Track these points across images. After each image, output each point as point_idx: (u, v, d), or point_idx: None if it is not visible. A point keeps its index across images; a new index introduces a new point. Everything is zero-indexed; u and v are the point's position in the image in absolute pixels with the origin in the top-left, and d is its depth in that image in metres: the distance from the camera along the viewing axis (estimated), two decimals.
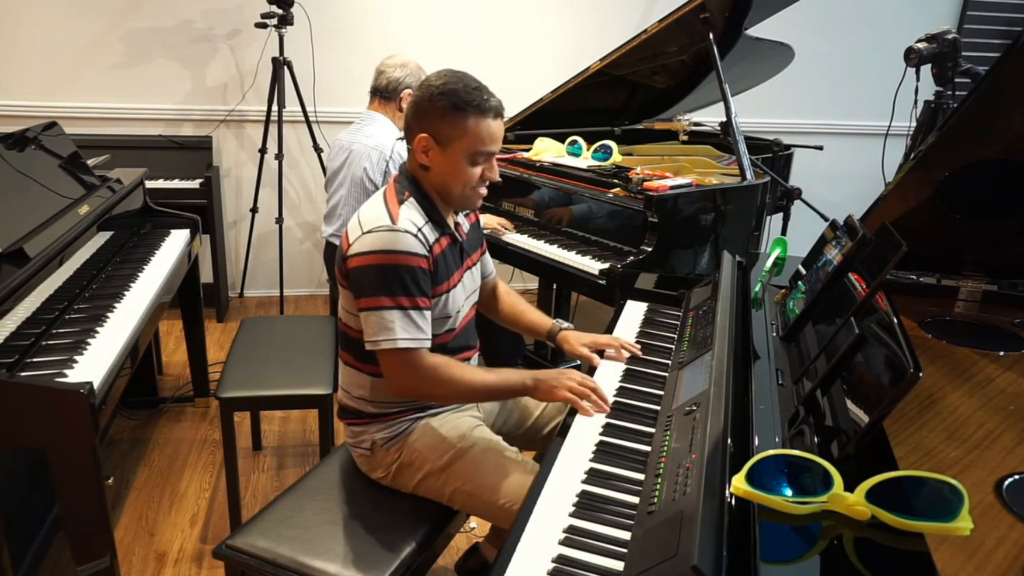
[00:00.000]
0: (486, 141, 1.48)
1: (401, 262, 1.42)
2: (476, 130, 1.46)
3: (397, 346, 1.42)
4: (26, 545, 1.97)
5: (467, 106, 1.45)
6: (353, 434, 1.64)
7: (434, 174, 1.51)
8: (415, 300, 1.43)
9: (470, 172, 1.50)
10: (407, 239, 1.43)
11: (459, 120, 1.45)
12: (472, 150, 1.47)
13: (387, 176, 2.64)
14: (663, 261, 2.42)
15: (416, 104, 1.50)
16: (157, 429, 2.80)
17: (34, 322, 1.78)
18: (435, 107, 1.46)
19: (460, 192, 1.52)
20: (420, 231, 1.46)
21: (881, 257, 1.32)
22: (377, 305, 1.42)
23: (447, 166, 1.49)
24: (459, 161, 1.48)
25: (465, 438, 1.58)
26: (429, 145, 1.49)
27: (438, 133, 1.47)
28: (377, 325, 1.42)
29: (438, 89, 1.46)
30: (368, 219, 1.47)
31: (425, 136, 1.48)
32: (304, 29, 3.63)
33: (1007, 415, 1.27)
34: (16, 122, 2.55)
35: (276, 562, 1.41)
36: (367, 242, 1.43)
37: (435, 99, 1.46)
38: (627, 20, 3.98)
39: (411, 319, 1.43)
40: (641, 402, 1.50)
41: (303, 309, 4.07)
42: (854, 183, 4.35)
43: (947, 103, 2.94)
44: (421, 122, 1.48)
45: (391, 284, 1.41)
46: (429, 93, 1.47)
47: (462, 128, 1.45)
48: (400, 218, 1.45)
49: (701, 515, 0.92)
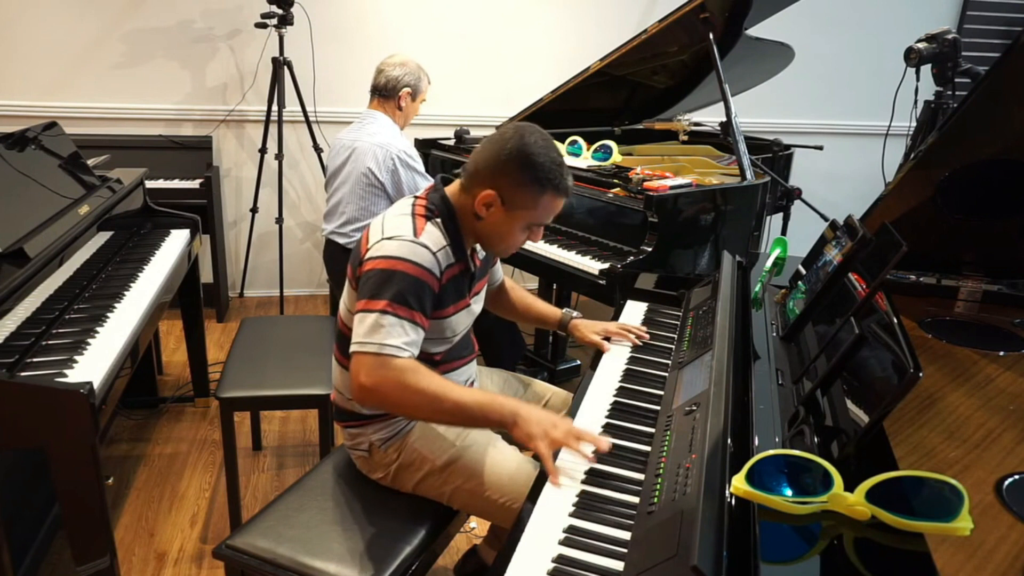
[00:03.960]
0: (549, 214, 1.50)
1: (412, 273, 1.40)
2: (546, 207, 1.47)
3: (383, 351, 1.35)
4: (26, 545, 1.97)
5: (547, 183, 1.43)
6: (350, 436, 1.64)
7: (485, 226, 1.50)
8: (413, 313, 1.39)
9: (520, 237, 1.52)
10: (424, 254, 1.42)
11: (535, 194, 1.44)
12: (533, 220, 1.49)
13: (394, 174, 2.63)
14: (663, 261, 2.42)
15: (495, 159, 1.44)
16: (157, 429, 2.80)
17: (34, 322, 1.78)
18: (515, 173, 1.43)
19: (501, 247, 1.55)
20: (438, 253, 1.44)
21: (881, 257, 1.32)
22: (377, 308, 1.38)
23: (503, 227, 1.49)
24: (516, 227, 1.49)
25: (464, 437, 1.58)
26: (494, 203, 1.46)
27: (509, 197, 1.45)
28: (371, 327, 1.37)
29: (523, 157, 1.42)
30: (391, 227, 1.46)
31: (493, 194, 1.45)
32: (304, 29, 3.63)
33: (1007, 415, 1.27)
34: (16, 122, 2.55)
35: (276, 562, 1.41)
36: (385, 247, 1.42)
37: (518, 166, 1.42)
38: (627, 20, 3.98)
39: (404, 329, 1.38)
40: (641, 402, 1.50)
41: (303, 309, 4.07)
42: (854, 183, 4.35)
43: (947, 103, 2.94)
44: (495, 179, 1.45)
45: (396, 291, 1.39)
46: (513, 155, 1.43)
47: (534, 202, 1.45)
48: (423, 234, 1.44)
49: (701, 515, 0.92)
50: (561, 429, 1.31)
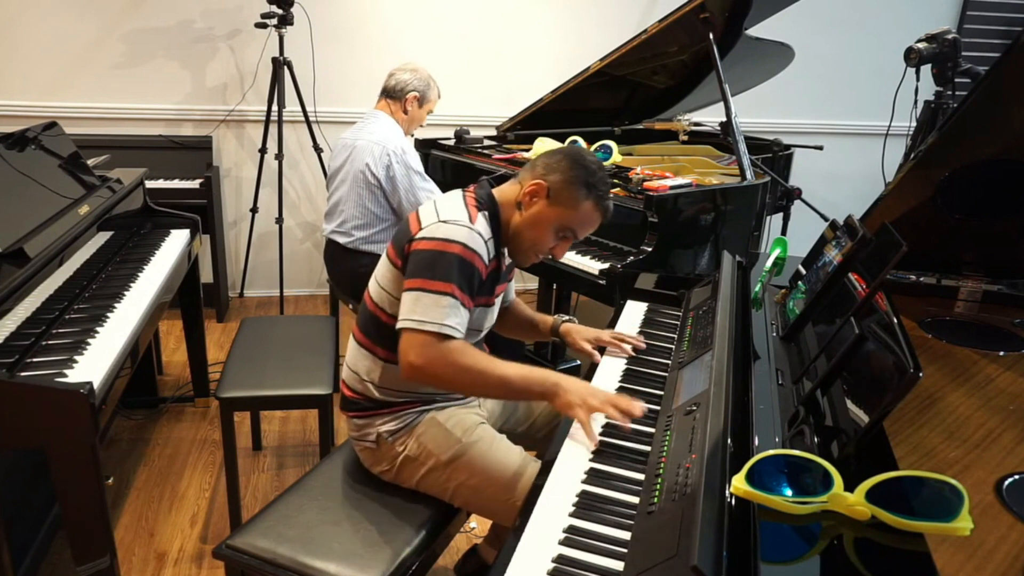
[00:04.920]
0: (583, 226, 1.57)
1: (469, 258, 1.47)
2: (586, 212, 1.55)
3: (443, 331, 1.42)
4: (26, 545, 1.97)
5: (593, 189, 1.53)
6: (357, 427, 1.64)
7: (522, 217, 1.57)
8: (466, 297, 1.47)
9: (549, 238, 1.57)
10: (479, 241, 1.49)
11: (579, 196, 1.53)
12: (568, 224, 1.56)
13: (389, 170, 2.63)
14: (663, 261, 2.42)
15: (557, 156, 1.56)
16: (157, 429, 2.80)
17: (34, 322, 1.78)
18: (571, 172, 1.53)
19: (527, 246, 1.59)
20: (488, 243, 1.52)
21: (881, 257, 1.32)
22: (437, 288, 1.43)
23: (539, 221, 1.55)
24: (551, 223, 1.55)
25: (470, 433, 1.58)
26: (539, 193, 1.54)
27: (555, 191, 1.53)
28: (429, 305, 1.43)
29: (584, 162, 1.55)
30: (447, 210, 1.52)
31: (543, 184, 1.54)
32: (304, 29, 3.63)
33: (1007, 415, 1.27)
34: (16, 122, 2.55)
35: (276, 562, 1.41)
36: (445, 230, 1.48)
37: (576, 166, 1.54)
38: (627, 20, 3.98)
39: (460, 311, 1.46)
40: (641, 402, 1.50)
41: (303, 309, 4.07)
42: (854, 183, 4.35)
43: (947, 103, 2.94)
44: (548, 173, 1.54)
45: (453, 272, 1.45)
46: (570, 156, 1.56)
47: (576, 202, 1.53)
48: (476, 222, 1.51)
49: (701, 515, 0.92)
50: (599, 398, 1.42)
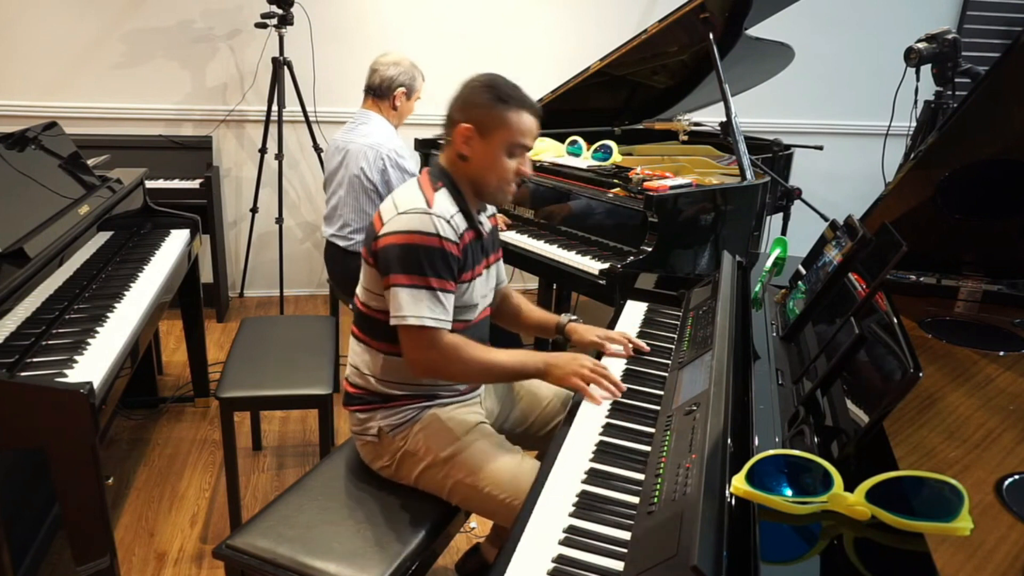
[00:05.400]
0: (524, 134, 1.56)
1: (433, 244, 1.48)
2: (517, 122, 1.54)
3: (423, 323, 1.47)
4: (26, 545, 1.97)
5: (510, 99, 1.54)
6: (358, 421, 1.65)
7: (472, 164, 1.58)
8: (443, 282, 1.49)
9: (506, 163, 1.57)
10: (441, 223, 1.50)
11: (501, 112, 1.53)
12: (510, 141, 1.55)
13: (384, 174, 2.64)
14: (663, 261, 2.42)
15: (460, 97, 1.58)
16: (157, 429, 2.80)
17: (34, 322, 1.78)
18: (480, 99, 1.55)
19: (495, 184, 1.59)
20: (452, 219, 1.52)
21: (881, 257, 1.32)
22: (407, 283, 1.47)
23: (487, 156, 1.56)
24: (498, 152, 1.55)
25: (469, 432, 1.59)
26: (471, 135, 1.55)
27: (480, 123, 1.54)
28: (404, 302, 1.47)
29: (483, 84, 1.56)
30: (403, 200, 1.54)
31: (468, 126, 1.55)
32: (304, 29, 3.63)
33: (1007, 415, 1.27)
34: (16, 122, 2.55)
35: (276, 562, 1.41)
36: (402, 222, 1.49)
37: (480, 92, 1.55)
38: (627, 20, 3.98)
39: (437, 299, 1.48)
40: (641, 402, 1.50)
41: (303, 309, 4.07)
42: (854, 183, 4.35)
43: (947, 103, 2.94)
44: (465, 112, 1.56)
45: (422, 264, 1.47)
46: (473, 87, 1.57)
47: (503, 119, 1.54)
48: (435, 203, 1.52)
49: (701, 515, 0.92)
50: (587, 366, 1.52)
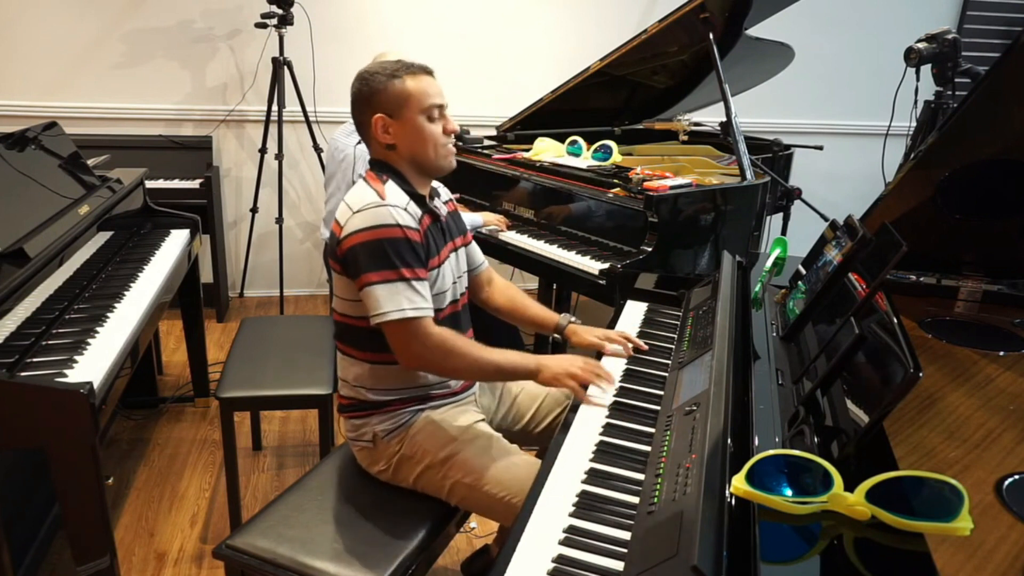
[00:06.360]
0: (430, 95, 1.55)
1: (396, 235, 1.47)
2: (417, 87, 1.54)
3: (405, 315, 1.45)
4: (26, 545, 1.97)
5: (398, 71, 1.54)
6: (353, 427, 1.64)
7: (402, 147, 1.57)
8: (414, 271, 1.48)
9: (431, 129, 1.56)
10: (399, 212, 1.50)
11: (398, 86, 1.53)
12: (422, 107, 1.54)
13: None
14: (663, 261, 2.41)
15: (357, 96, 1.58)
16: (157, 429, 2.80)
17: (34, 322, 1.78)
18: (372, 87, 1.54)
19: (433, 152, 1.58)
20: (408, 207, 1.52)
21: (881, 257, 1.32)
22: (379, 279, 1.45)
23: (411, 132, 1.55)
24: (418, 122, 1.55)
25: (465, 432, 1.58)
26: (386, 122, 1.55)
27: (387, 107, 1.54)
28: (381, 298, 1.45)
29: (367, 75, 1.56)
30: (356, 200, 1.52)
31: (379, 116, 1.54)
32: (304, 29, 3.63)
33: (1007, 415, 1.27)
34: (16, 122, 2.55)
35: (276, 562, 1.41)
36: (360, 220, 1.48)
37: (368, 81, 1.55)
38: (627, 20, 3.98)
39: (413, 288, 1.47)
40: (641, 402, 1.50)
41: (303, 309, 4.07)
42: (854, 183, 4.35)
43: (947, 103, 2.94)
44: (368, 106, 1.56)
45: (390, 256, 1.46)
46: (362, 80, 1.57)
47: (404, 91, 1.53)
48: (387, 195, 1.52)
49: (701, 515, 0.92)
50: (578, 366, 1.51)
